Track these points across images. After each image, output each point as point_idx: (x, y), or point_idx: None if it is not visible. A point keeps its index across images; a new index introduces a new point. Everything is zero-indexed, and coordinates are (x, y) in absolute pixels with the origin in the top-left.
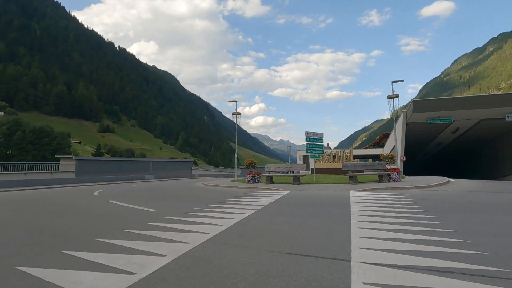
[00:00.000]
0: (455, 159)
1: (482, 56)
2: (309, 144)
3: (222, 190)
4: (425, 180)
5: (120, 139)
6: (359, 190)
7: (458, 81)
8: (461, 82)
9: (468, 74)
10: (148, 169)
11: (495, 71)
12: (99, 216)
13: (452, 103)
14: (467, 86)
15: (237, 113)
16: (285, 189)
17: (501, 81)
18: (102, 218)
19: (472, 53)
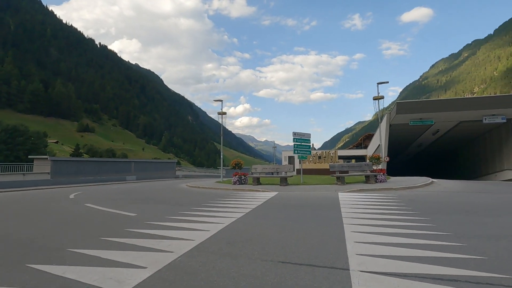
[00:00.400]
0: (434, 160)
1: (458, 61)
2: (296, 144)
3: (207, 192)
4: (410, 180)
5: (100, 139)
6: (347, 191)
7: (435, 84)
8: (438, 86)
9: (445, 78)
10: (130, 170)
11: (470, 76)
12: (73, 222)
13: (434, 105)
14: (444, 90)
15: (223, 112)
16: (272, 190)
17: (474, 86)
18: (76, 225)
19: (449, 58)
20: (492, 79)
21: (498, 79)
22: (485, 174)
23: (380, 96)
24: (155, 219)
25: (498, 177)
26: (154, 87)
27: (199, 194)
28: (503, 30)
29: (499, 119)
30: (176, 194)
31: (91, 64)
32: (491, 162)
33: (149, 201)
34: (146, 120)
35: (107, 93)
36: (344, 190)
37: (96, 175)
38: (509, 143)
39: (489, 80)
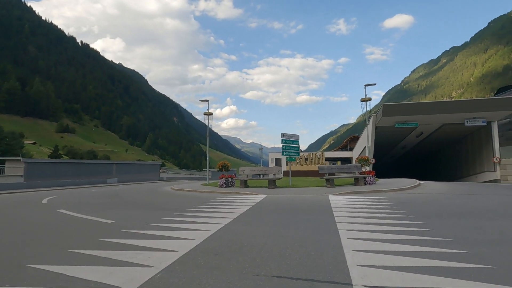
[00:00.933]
0: (418, 161)
1: (437, 67)
2: (284, 146)
3: (192, 195)
4: (398, 182)
5: (81, 140)
6: (337, 193)
7: (416, 89)
8: (419, 90)
9: (425, 83)
10: (111, 172)
11: (448, 81)
12: (40, 231)
13: (419, 107)
14: (424, 94)
15: (209, 113)
16: (261, 193)
17: (452, 91)
18: (43, 234)
19: (428, 63)
20: (468, 84)
21: (474, 85)
22: (466, 176)
23: (367, 98)
24: (135, 226)
25: (479, 178)
26: (139, 87)
27: (183, 197)
28: (478, 38)
29: (479, 122)
30: (159, 198)
31: (72, 63)
32: (471, 164)
33: (129, 205)
34: (129, 121)
35: (88, 93)
36: (334, 192)
37: (75, 177)
38: (488, 145)
39: (466, 86)
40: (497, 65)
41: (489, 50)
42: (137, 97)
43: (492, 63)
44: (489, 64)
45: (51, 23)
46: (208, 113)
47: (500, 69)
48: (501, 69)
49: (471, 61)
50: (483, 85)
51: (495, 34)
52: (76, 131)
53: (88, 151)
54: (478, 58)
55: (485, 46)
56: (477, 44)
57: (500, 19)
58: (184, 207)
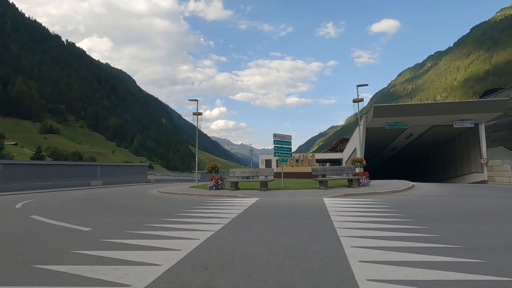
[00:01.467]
0: (407, 163)
1: (422, 70)
2: (277, 147)
3: (180, 198)
4: (391, 184)
5: (66, 141)
6: (332, 196)
7: (402, 92)
8: (405, 93)
9: (411, 86)
10: (95, 174)
11: (432, 85)
12: (4, 242)
13: (409, 109)
14: (410, 97)
15: (198, 113)
16: (252, 196)
17: (437, 94)
18: (7, 246)
19: (414, 67)
20: (452, 88)
21: (457, 88)
22: (454, 177)
23: (359, 99)
24: (114, 235)
25: (467, 179)
26: (126, 88)
27: (170, 201)
28: (461, 43)
29: (468, 124)
30: (144, 202)
31: (57, 62)
32: (459, 165)
33: (111, 210)
34: (116, 121)
35: (74, 93)
36: (328, 195)
37: (56, 180)
38: (476, 147)
39: (450, 89)
40: (479, 69)
41: (471, 55)
42: (124, 97)
43: (474, 68)
44: (471, 69)
45: (34, 20)
46: (197, 113)
47: (482, 74)
48: (483, 74)
49: (454, 65)
50: (465, 89)
51: (476, 40)
52: (60, 132)
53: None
54: (461, 62)
55: (468, 51)
56: (460, 49)
57: (481, 25)
58: (170, 212)
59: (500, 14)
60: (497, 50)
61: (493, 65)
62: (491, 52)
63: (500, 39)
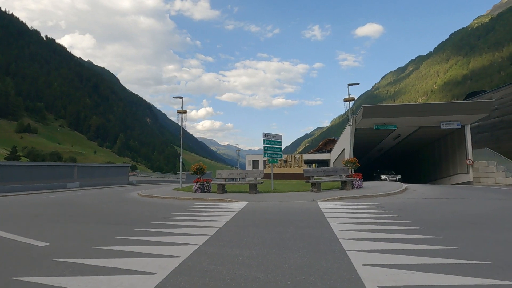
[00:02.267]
0: (393, 164)
1: (404, 74)
2: (266, 147)
3: (161, 203)
4: (384, 186)
5: (44, 141)
6: (327, 199)
7: (385, 95)
8: (388, 96)
9: (393, 89)
10: (72, 175)
11: (414, 88)
12: None
13: (397, 109)
14: (393, 99)
15: (183, 111)
16: (241, 199)
17: (418, 97)
18: None
19: (396, 71)
20: (432, 91)
21: (437, 92)
22: (440, 178)
23: (350, 98)
24: (74, 252)
25: (452, 180)
26: (109, 86)
27: (150, 206)
28: (441, 48)
29: (454, 125)
30: (120, 207)
31: (35, 58)
32: (445, 166)
33: (80, 218)
34: (98, 121)
35: (53, 91)
36: (322, 198)
37: (28, 182)
38: (462, 148)
39: (430, 93)
40: (457, 74)
41: (450, 60)
42: (107, 96)
43: (453, 72)
44: (450, 73)
45: (11, 15)
46: (182, 111)
47: (460, 78)
48: (461, 78)
49: (434, 70)
50: (445, 92)
51: (455, 46)
52: (38, 131)
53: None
54: (440, 67)
55: (447, 56)
56: (440, 54)
57: (459, 32)
58: (148, 220)
59: (476, 22)
60: (474, 56)
61: (470, 70)
62: (469, 58)
63: (477, 45)
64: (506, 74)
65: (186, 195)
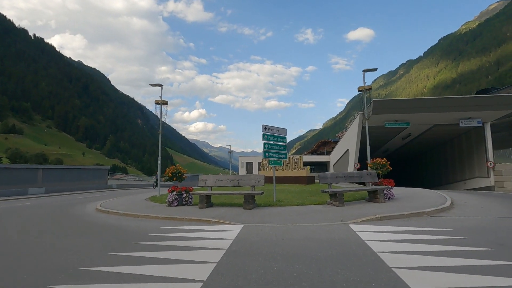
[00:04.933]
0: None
1: (395, 77)
2: (267, 144)
3: (118, 224)
4: (418, 196)
5: (30, 142)
6: (361, 221)
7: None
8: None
9: (384, 92)
10: (35, 180)
11: (404, 91)
12: None
13: (412, 104)
14: None
15: (163, 102)
16: (232, 219)
17: None
18: None
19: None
20: (422, 95)
21: (426, 95)
22: (452, 181)
23: (367, 87)
24: None
25: (468, 184)
26: (99, 87)
27: (97, 232)
28: (431, 52)
29: (475, 122)
30: (47, 235)
31: (22, 57)
32: (460, 168)
33: None
34: (88, 122)
35: (40, 91)
36: (353, 218)
37: None
38: (480, 149)
39: (420, 96)
40: (446, 78)
41: (439, 64)
42: (97, 97)
43: (442, 76)
44: (439, 77)
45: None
46: (160, 102)
47: (449, 82)
48: (450, 82)
49: (424, 73)
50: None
51: (444, 50)
52: (24, 132)
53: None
54: (430, 71)
55: (436, 61)
56: (430, 58)
57: (448, 37)
58: (75, 264)
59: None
60: (463, 60)
61: (459, 74)
62: (457, 62)
63: (465, 50)
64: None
65: (157, 211)
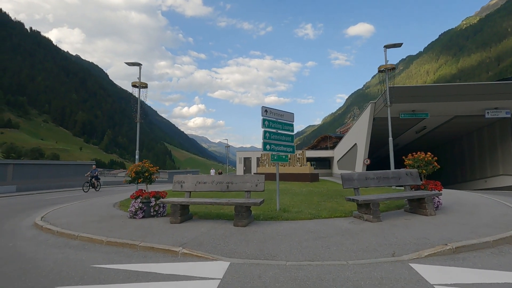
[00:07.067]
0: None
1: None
2: (269, 133)
3: (22, 262)
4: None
5: (26, 137)
6: (428, 255)
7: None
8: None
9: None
10: (4, 177)
11: None
12: None
13: (431, 92)
14: None
15: (142, 84)
16: (214, 250)
17: None
18: None
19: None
20: None
21: None
22: (470, 180)
23: (390, 65)
24: None
25: (489, 183)
26: (97, 82)
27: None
28: (431, 48)
29: (503, 113)
30: None
31: (18, 51)
32: (480, 166)
33: None
34: (85, 116)
35: (37, 85)
36: (409, 247)
37: None
38: (506, 144)
39: None
40: (446, 73)
41: (439, 60)
42: (95, 91)
43: (442, 72)
44: (439, 73)
45: None
46: (139, 84)
47: (449, 77)
48: (450, 78)
49: (424, 69)
50: None
51: (444, 46)
52: (20, 126)
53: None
54: (430, 66)
55: (436, 56)
56: (430, 54)
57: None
58: None
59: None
60: (463, 56)
61: (459, 70)
62: (458, 57)
63: (466, 46)
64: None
65: (109, 226)
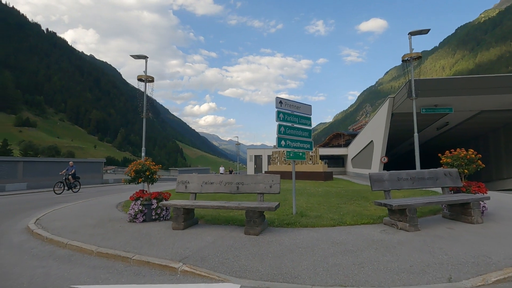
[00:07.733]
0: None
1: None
2: (284, 127)
3: (30, 263)
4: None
5: (43, 135)
6: (496, 282)
7: (389, 90)
8: (392, 91)
9: (397, 84)
10: (15, 174)
11: None
12: None
13: (455, 85)
14: None
15: (148, 77)
16: (221, 266)
17: None
18: None
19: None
20: None
21: None
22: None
23: (416, 54)
24: None
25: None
26: (111, 81)
27: None
28: (446, 43)
29: None
30: None
31: (35, 51)
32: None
33: None
34: (99, 115)
35: (53, 84)
36: (466, 269)
37: None
38: None
39: None
40: (463, 69)
41: (456, 55)
42: (108, 90)
43: (459, 67)
44: (456, 68)
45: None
46: (145, 78)
47: (466, 73)
48: (467, 73)
49: (440, 64)
50: None
51: (461, 40)
52: (38, 125)
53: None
54: (446, 62)
55: (453, 51)
56: (445, 49)
57: (465, 26)
58: None
59: (483, 16)
60: (481, 50)
61: (477, 65)
62: (475, 52)
63: (484, 40)
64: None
65: (105, 233)
